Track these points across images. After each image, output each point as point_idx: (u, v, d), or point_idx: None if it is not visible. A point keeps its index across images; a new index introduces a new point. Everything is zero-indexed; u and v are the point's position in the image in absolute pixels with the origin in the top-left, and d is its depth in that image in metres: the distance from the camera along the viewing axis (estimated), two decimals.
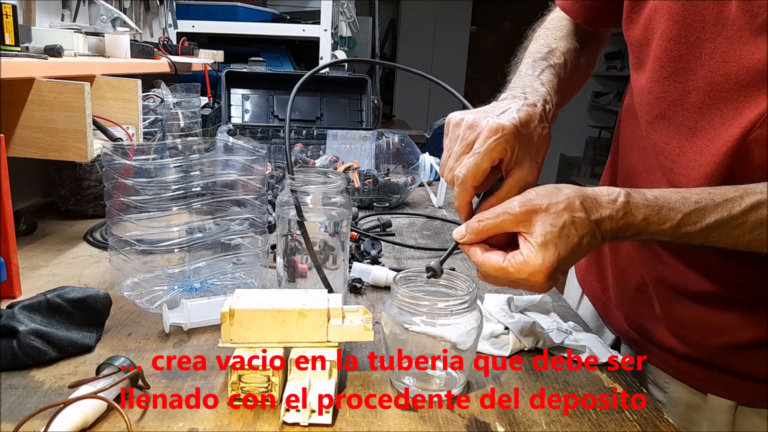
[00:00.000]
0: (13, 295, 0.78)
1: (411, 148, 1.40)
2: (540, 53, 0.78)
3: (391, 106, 5.46)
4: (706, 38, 0.64)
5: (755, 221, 0.57)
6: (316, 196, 0.73)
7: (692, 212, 0.58)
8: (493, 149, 0.58)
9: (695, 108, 0.66)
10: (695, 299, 0.73)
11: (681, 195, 0.59)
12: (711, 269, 0.71)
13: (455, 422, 0.57)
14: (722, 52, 0.63)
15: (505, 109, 0.62)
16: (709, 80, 0.64)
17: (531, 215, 0.56)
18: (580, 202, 0.57)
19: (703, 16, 0.64)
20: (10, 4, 0.91)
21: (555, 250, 0.55)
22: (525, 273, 0.55)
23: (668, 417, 0.61)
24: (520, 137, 0.60)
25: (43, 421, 0.50)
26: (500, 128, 0.59)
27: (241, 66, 1.51)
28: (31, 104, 0.94)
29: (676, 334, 0.77)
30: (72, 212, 1.16)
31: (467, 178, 0.59)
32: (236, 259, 0.83)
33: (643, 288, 0.80)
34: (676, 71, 0.68)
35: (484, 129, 0.59)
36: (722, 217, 0.57)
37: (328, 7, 2.25)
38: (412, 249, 1.08)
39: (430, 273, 0.62)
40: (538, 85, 0.69)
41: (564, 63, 0.77)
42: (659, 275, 0.77)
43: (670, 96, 0.69)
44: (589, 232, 0.56)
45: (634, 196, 0.58)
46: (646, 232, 0.59)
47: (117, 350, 0.67)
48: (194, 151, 0.85)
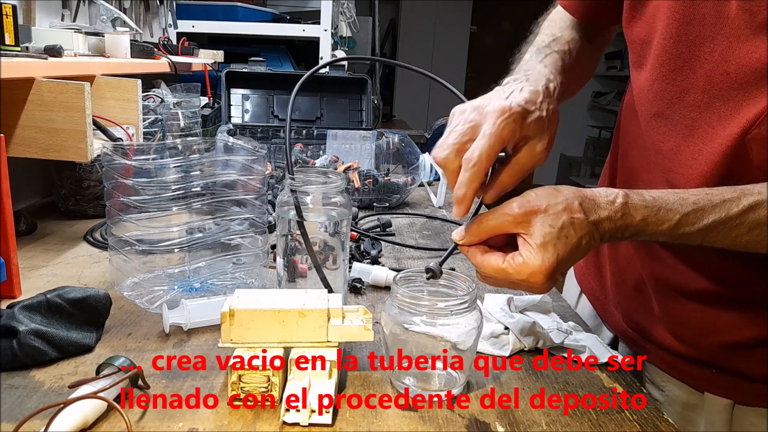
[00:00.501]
0: (13, 295, 0.78)
1: (411, 148, 1.40)
2: (544, 42, 0.78)
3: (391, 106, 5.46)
4: (705, 37, 0.64)
5: (753, 222, 0.57)
6: (316, 196, 0.73)
7: (690, 213, 0.58)
8: (504, 128, 0.57)
9: (693, 106, 0.66)
10: (693, 298, 0.73)
11: (679, 196, 0.59)
12: (710, 268, 0.71)
13: (455, 422, 0.57)
14: (722, 51, 0.63)
15: (510, 92, 0.61)
16: (708, 78, 0.64)
17: (530, 216, 0.56)
18: (579, 203, 0.57)
19: (704, 15, 0.64)
20: (10, 4, 0.91)
21: (554, 251, 0.55)
22: (524, 274, 0.55)
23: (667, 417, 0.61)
24: (527, 115, 0.59)
25: (43, 421, 0.50)
26: (507, 108, 0.58)
27: (241, 66, 1.51)
28: (31, 104, 0.94)
29: (674, 333, 0.77)
30: (72, 212, 1.16)
31: (482, 159, 0.57)
32: (236, 259, 0.83)
33: (641, 287, 0.80)
34: (676, 69, 0.67)
35: (491, 111, 0.58)
36: (720, 217, 0.57)
37: (328, 7, 2.25)
38: (412, 249, 1.08)
39: (430, 274, 0.61)
40: (540, 67, 0.69)
41: (569, 50, 0.77)
42: (658, 274, 0.77)
43: (669, 94, 0.69)
44: (588, 233, 0.56)
45: (632, 197, 0.58)
46: (644, 232, 0.58)
47: (117, 350, 0.67)
48: (194, 151, 0.85)
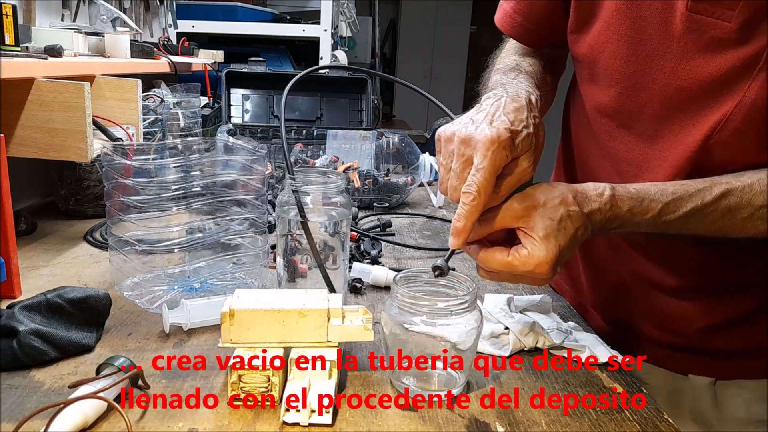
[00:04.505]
0: (13, 295, 0.78)
1: (411, 148, 1.40)
2: (509, 66, 0.79)
3: (391, 106, 5.45)
4: (655, 56, 0.68)
5: (725, 208, 0.63)
6: (316, 196, 0.73)
7: (670, 202, 0.62)
8: (495, 159, 0.57)
9: (654, 118, 0.70)
10: (668, 292, 0.79)
11: (659, 188, 0.63)
12: (676, 263, 0.78)
13: (455, 422, 0.57)
14: (672, 68, 0.67)
15: (493, 114, 0.60)
16: (663, 93, 0.68)
17: (530, 210, 0.58)
18: (573, 197, 0.60)
19: (650, 36, 0.67)
20: (10, 4, 0.91)
21: (556, 241, 0.57)
22: (531, 265, 0.57)
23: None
24: (516, 137, 0.58)
25: (43, 421, 0.50)
26: (496, 138, 0.57)
27: (241, 66, 1.52)
28: (31, 104, 0.94)
29: (656, 324, 0.82)
30: (72, 212, 1.16)
31: (480, 194, 0.56)
32: (236, 259, 0.83)
33: (620, 285, 0.85)
34: (630, 87, 0.71)
35: (480, 142, 0.57)
36: (696, 205, 0.62)
37: (328, 7, 2.25)
38: (412, 249, 1.08)
39: (438, 272, 0.61)
40: (516, 83, 0.71)
41: (534, 72, 0.78)
42: (635, 271, 0.81)
43: (628, 109, 0.72)
44: (583, 224, 0.59)
45: (618, 190, 0.62)
46: (630, 222, 0.62)
47: (117, 350, 0.67)
48: (194, 151, 0.85)
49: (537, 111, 0.63)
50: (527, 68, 0.78)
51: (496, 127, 0.57)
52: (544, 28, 0.83)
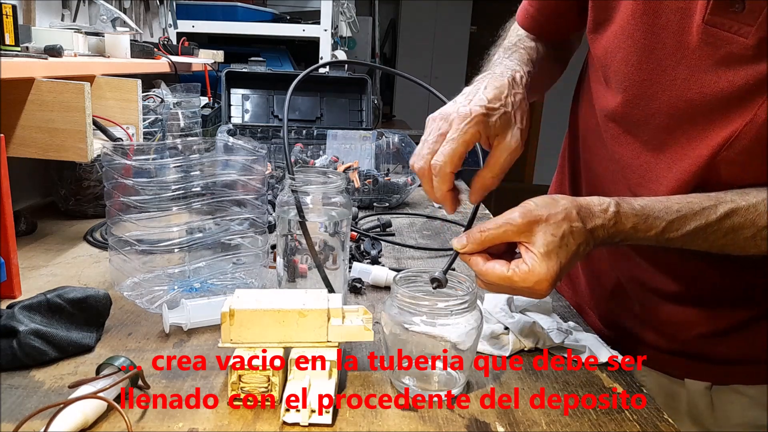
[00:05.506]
0: (13, 295, 0.78)
1: (411, 148, 1.40)
2: (511, 42, 0.81)
3: (391, 106, 5.45)
4: (667, 65, 0.67)
5: (728, 227, 0.62)
6: (316, 196, 0.73)
7: (675, 220, 0.62)
8: (466, 133, 0.60)
9: (661, 128, 0.69)
10: (668, 298, 0.79)
11: (664, 204, 0.63)
12: (678, 271, 0.77)
13: (455, 422, 0.57)
14: (683, 80, 0.66)
15: (473, 94, 0.63)
16: (672, 104, 0.67)
17: (532, 226, 0.58)
18: (576, 212, 0.59)
19: (664, 45, 0.66)
20: (10, 4, 0.91)
21: (557, 258, 0.57)
22: (530, 282, 0.57)
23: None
24: (492, 114, 0.61)
25: (43, 421, 0.50)
26: (469, 113, 0.60)
27: (241, 66, 1.51)
28: (31, 104, 0.94)
29: (654, 329, 0.82)
30: (72, 212, 1.16)
31: (445, 164, 0.60)
32: (236, 259, 0.83)
33: (619, 289, 0.84)
34: (638, 95, 0.70)
35: (455, 117, 0.61)
36: (701, 224, 0.62)
37: (328, 7, 2.25)
38: (412, 249, 1.08)
39: (436, 284, 0.62)
40: (507, 62, 0.72)
41: (535, 47, 0.80)
42: (635, 276, 0.81)
43: (635, 116, 0.72)
44: (585, 240, 0.59)
45: (623, 206, 0.62)
46: (632, 238, 0.62)
47: (117, 350, 0.67)
48: (194, 151, 0.85)
49: (521, 88, 0.66)
50: (527, 44, 0.80)
51: (471, 106, 0.61)
52: (552, 25, 0.84)
